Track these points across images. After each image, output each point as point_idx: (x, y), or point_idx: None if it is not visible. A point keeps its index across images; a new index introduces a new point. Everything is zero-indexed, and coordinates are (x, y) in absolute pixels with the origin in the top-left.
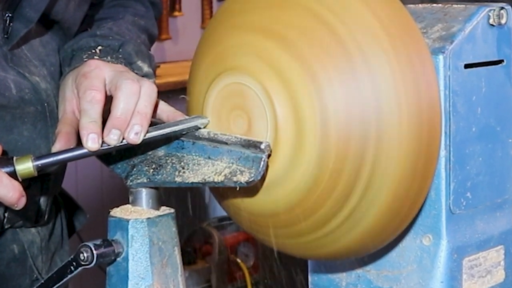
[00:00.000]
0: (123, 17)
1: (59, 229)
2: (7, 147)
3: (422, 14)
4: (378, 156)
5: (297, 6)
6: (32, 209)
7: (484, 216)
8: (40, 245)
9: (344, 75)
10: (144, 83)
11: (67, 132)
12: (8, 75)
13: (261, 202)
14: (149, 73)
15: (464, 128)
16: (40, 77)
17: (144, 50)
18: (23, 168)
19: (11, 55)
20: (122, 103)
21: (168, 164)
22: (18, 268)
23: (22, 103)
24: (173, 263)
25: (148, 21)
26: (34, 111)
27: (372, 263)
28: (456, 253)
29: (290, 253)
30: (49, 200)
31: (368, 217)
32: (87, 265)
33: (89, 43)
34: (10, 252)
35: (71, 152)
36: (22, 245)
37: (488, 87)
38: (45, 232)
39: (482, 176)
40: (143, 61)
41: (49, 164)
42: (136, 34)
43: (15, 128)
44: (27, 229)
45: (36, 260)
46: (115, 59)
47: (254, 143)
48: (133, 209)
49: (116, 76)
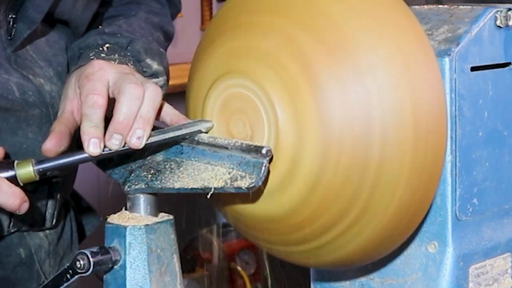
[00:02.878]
0: (135, 14)
1: (68, 233)
2: (12, 150)
3: (428, 16)
4: (382, 161)
5: (299, 7)
6: (39, 213)
7: (491, 223)
8: (48, 249)
9: (347, 80)
10: (148, 87)
11: (60, 131)
12: (11, 77)
13: (262, 208)
14: (158, 71)
15: (470, 132)
16: (45, 78)
17: (155, 48)
18: (23, 173)
19: (15, 56)
20: (124, 107)
21: (166, 170)
22: (25, 273)
23: (26, 105)
24: (172, 271)
25: (163, 18)
26: (39, 114)
27: (376, 271)
28: (462, 260)
29: (292, 261)
30: (57, 204)
31: (372, 223)
32: (83, 273)
33: (96, 41)
34: (16, 256)
35: (72, 156)
36: (29, 249)
37: (495, 90)
38: (53, 236)
39: (489, 182)
40: (152, 58)
41: (50, 168)
42: (148, 31)
43: (20, 130)
44: (34, 233)
45: (43, 264)
46: (122, 57)
47: (255, 148)
48: (131, 215)
49: (120, 79)
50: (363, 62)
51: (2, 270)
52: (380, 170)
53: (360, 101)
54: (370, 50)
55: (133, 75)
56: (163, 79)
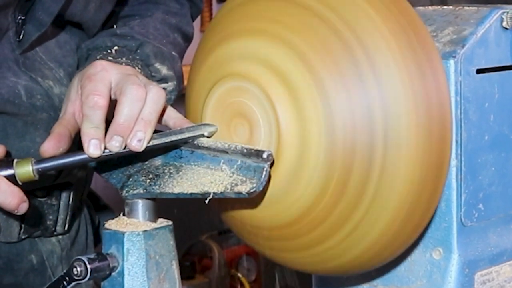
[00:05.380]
0: (151, 15)
1: (83, 237)
2: (20, 154)
3: (432, 17)
4: (385, 166)
5: (302, 10)
6: (51, 218)
7: (497, 229)
8: (61, 255)
9: (350, 81)
10: (151, 89)
11: (59, 133)
12: (19, 80)
13: (263, 214)
14: (168, 76)
15: (476, 136)
16: (55, 80)
17: (166, 52)
18: (22, 172)
19: (24, 58)
20: (126, 109)
21: (165, 174)
22: (36, 279)
23: (33, 110)
24: (170, 278)
25: (182, 19)
26: (47, 117)
27: (380, 278)
28: (467, 267)
29: (294, 267)
30: (69, 209)
31: (375, 229)
32: (80, 280)
33: (105, 43)
34: (28, 262)
35: (72, 157)
36: (40, 255)
37: (501, 93)
38: (66, 241)
39: (495, 187)
40: (162, 63)
41: (49, 168)
42: (164, 33)
43: (28, 134)
44: (46, 238)
45: (55, 270)
46: (131, 61)
47: (256, 152)
48: (129, 221)
49: (122, 79)
50: (366, 65)
51: (13, 277)
52: (383, 175)
53: (364, 104)
54: (373, 53)
55: (136, 77)
56: (172, 84)
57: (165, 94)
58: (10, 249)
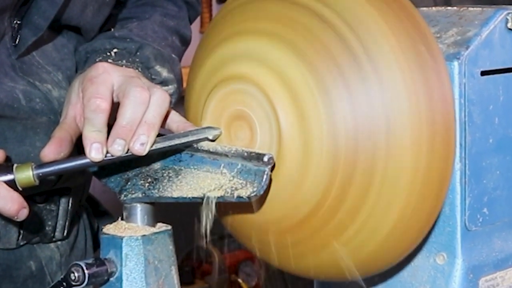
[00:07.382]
0: (149, 17)
1: (82, 242)
2: (19, 159)
3: (436, 18)
4: (388, 169)
5: (303, 11)
6: (50, 224)
7: (502, 233)
8: (60, 261)
9: (352, 83)
10: (155, 92)
11: (60, 138)
12: (17, 85)
13: (264, 219)
14: (168, 79)
15: (480, 139)
16: (53, 84)
17: (166, 54)
18: (22, 177)
19: (21, 63)
20: (128, 112)
21: (164, 178)
22: (35, 286)
23: (33, 113)
24: (170, 283)
25: (179, 22)
26: (46, 121)
27: (383, 283)
28: (472, 272)
29: (295, 272)
30: (69, 214)
31: (378, 234)
32: (78, 285)
33: (104, 45)
34: (26, 269)
35: (73, 161)
36: (39, 262)
37: (506, 95)
38: (65, 247)
39: (500, 191)
40: (162, 65)
41: (50, 173)
42: (162, 35)
43: (27, 139)
44: (45, 244)
45: (54, 276)
46: (130, 63)
47: (256, 155)
48: (127, 225)
49: (125, 82)
50: (368, 66)
51: (12, 283)
52: (386, 179)
53: (366, 106)
54: (375, 54)
55: (139, 79)
56: (173, 87)
57: (169, 98)
58: (9, 256)
